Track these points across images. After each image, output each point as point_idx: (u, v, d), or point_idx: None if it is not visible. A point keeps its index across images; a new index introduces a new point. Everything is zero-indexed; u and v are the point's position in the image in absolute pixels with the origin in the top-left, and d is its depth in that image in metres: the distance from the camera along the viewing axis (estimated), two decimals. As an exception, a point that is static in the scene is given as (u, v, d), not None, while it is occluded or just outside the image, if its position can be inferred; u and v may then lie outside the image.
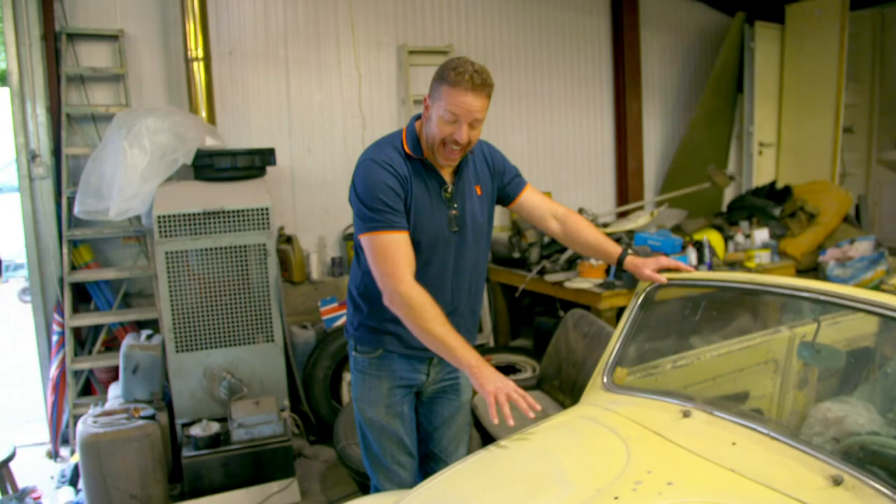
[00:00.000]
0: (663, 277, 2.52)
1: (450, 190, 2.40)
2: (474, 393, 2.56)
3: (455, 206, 2.41)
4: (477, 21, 5.94)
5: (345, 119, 5.55)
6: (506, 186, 2.61)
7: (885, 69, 6.90)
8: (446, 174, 2.42)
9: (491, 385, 2.13)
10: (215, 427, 3.80)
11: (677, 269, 2.52)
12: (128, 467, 3.53)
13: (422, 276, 2.34)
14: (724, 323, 3.03)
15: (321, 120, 5.50)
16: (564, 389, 4.16)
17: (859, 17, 6.70)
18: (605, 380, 2.48)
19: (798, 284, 2.19)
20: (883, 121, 6.96)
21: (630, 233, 5.03)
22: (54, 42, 4.57)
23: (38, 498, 3.81)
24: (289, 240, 5.21)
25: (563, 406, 4.05)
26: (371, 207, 2.27)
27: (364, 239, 2.31)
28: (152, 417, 3.70)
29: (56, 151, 4.60)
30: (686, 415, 2.14)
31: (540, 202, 2.69)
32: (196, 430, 3.77)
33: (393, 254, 2.26)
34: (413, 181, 2.33)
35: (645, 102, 6.61)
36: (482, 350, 5.31)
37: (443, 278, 2.44)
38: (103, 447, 3.50)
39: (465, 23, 5.87)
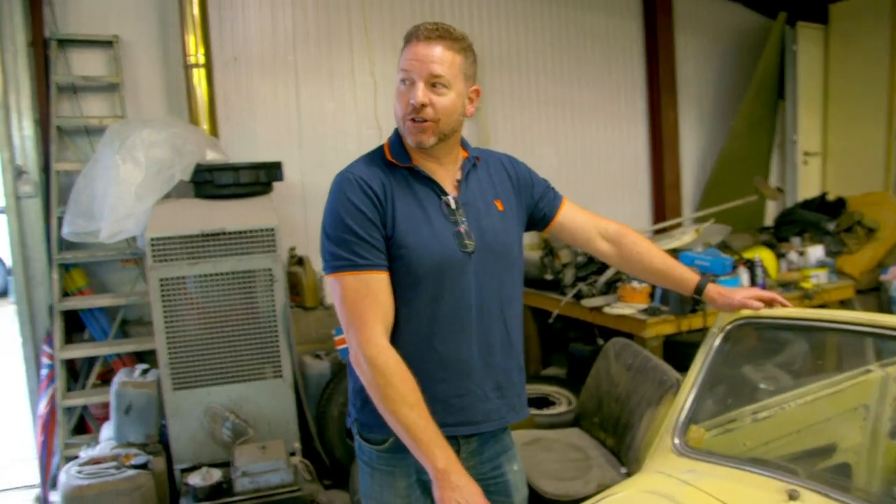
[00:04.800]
0: (760, 304, 2.04)
1: (452, 200, 1.88)
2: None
3: (462, 220, 1.87)
4: (500, 24, 5.54)
5: (359, 129, 5.15)
6: (538, 203, 2.08)
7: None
8: (447, 183, 1.90)
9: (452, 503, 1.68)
10: (217, 475, 3.37)
11: (772, 304, 2.06)
12: (117, 523, 3.13)
13: (432, 320, 1.83)
14: (807, 362, 2.59)
15: (334, 131, 5.11)
16: (606, 427, 3.74)
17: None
18: (675, 441, 2.02)
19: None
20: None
21: (674, 252, 4.58)
22: (43, 49, 4.20)
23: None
24: (300, 261, 4.80)
25: (605, 445, 3.64)
26: (337, 239, 1.79)
27: (330, 281, 1.82)
28: (145, 466, 3.29)
29: (45, 167, 4.22)
30: (793, 496, 1.68)
31: (584, 220, 2.16)
32: (195, 479, 3.34)
33: (361, 300, 1.77)
34: (396, 194, 1.83)
35: (681, 110, 6.17)
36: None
37: (463, 320, 1.86)
38: (89, 502, 3.09)
39: (487, 27, 5.47)
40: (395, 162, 1.87)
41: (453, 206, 1.87)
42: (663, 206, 6.04)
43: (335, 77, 5.06)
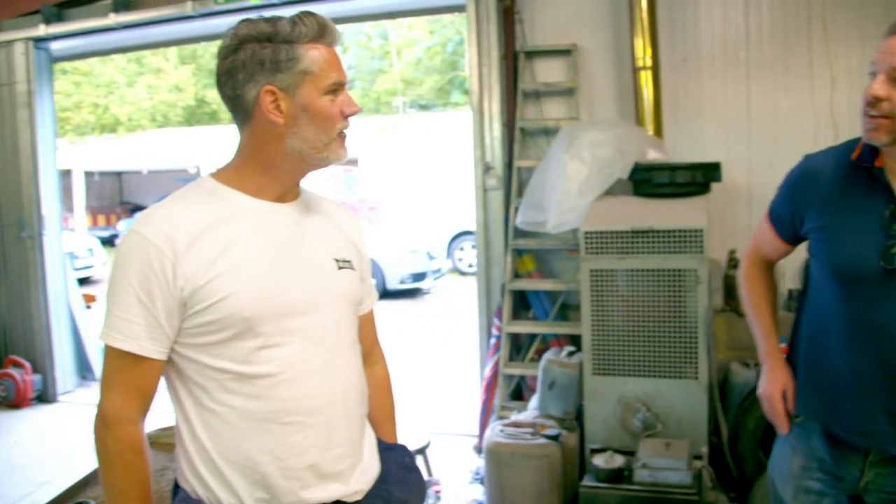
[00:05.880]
0: None
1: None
2: None
3: None
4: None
5: (815, 129, 4.73)
6: None
7: None
8: None
9: (760, 388, 2.03)
10: (619, 461, 3.54)
11: None
12: (524, 483, 3.51)
13: (836, 323, 1.82)
14: None
15: (786, 130, 4.79)
16: None
17: None
18: None
19: None
20: None
21: None
22: (514, 61, 4.82)
23: (439, 492, 4.04)
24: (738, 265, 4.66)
25: None
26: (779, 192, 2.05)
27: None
28: (556, 438, 3.61)
29: (508, 164, 4.85)
30: None
31: None
32: (599, 461, 3.56)
33: (760, 234, 2.13)
34: (832, 195, 1.83)
35: None
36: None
37: (863, 336, 1.77)
38: (503, 458, 3.54)
39: None
40: (855, 160, 1.84)
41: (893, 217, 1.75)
42: None
43: (790, 73, 4.73)
